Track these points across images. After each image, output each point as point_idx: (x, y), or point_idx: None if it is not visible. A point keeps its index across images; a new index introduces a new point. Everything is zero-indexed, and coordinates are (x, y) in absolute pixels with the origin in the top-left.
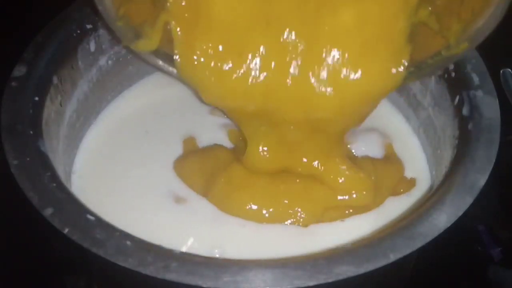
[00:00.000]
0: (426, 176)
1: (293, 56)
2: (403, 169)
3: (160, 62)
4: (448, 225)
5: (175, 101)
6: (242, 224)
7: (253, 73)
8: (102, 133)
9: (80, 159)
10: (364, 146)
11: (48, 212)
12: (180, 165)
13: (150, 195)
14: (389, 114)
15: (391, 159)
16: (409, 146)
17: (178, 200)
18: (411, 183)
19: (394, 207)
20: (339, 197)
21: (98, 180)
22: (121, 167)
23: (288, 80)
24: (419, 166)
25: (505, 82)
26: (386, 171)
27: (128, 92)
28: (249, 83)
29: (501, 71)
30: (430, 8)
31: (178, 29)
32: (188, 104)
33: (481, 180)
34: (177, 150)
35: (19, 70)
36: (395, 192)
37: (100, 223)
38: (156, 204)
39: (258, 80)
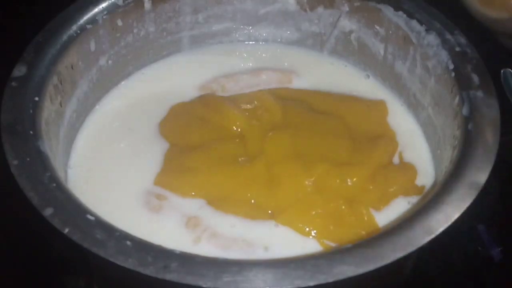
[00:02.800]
0: (427, 176)
1: None
2: (414, 177)
3: None
4: (448, 225)
5: (158, 98)
6: (232, 223)
7: None
8: (93, 130)
9: (73, 157)
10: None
11: (48, 212)
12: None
13: (131, 193)
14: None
15: (405, 165)
16: (412, 146)
17: (159, 197)
18: (420, 190)
19: (395, 207)
20: None
21: (86, 178)
22: (108, 164)
23: None
24: (420, 166)
25: (506, 82)
26: (396, 176)
27: (117, 89)
28: None
29: (501, 71)
30: None
31: None
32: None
33: (481, 180)
34: (160, 146)
35: (19, 70)
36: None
37: (100, 223)
38: (137, 201)
39: None
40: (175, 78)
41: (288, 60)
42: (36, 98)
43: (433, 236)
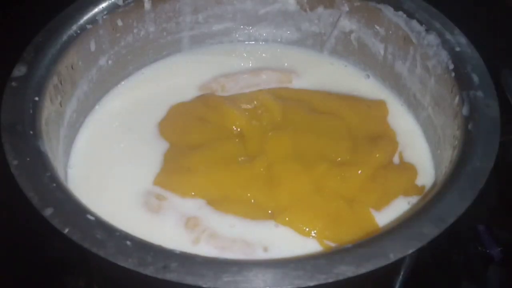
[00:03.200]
0: (427, 176)
1: None
2: (414, 177)
3: None
4: (448, 225)
5: (158, 98)
6: (232, 224)
7: None
8: (93, 130)
9: (73, 157)
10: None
11: (48, 212)
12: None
13: (131, 193)
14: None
15: (405, 165)
16: (412, 146)
17: (159, 197)
18: (420, 190)
19: (395, 207)
20: None
21: (86, 178)
22: (107, 164)
23: None
24: (420, 166)
25: (506, 82)
26: (396, 176)
27: (117, 89)
28: None
29: (502, 71)
30: None
31: None
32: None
33: (481, 180)
34: (160, 146)
35: (19, 70)
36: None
37: (100, 223)
38: (136, 201)
39: None
40: (175, 78)
41: (288, 60)
42: (36, 98)
43: (432, 236)
